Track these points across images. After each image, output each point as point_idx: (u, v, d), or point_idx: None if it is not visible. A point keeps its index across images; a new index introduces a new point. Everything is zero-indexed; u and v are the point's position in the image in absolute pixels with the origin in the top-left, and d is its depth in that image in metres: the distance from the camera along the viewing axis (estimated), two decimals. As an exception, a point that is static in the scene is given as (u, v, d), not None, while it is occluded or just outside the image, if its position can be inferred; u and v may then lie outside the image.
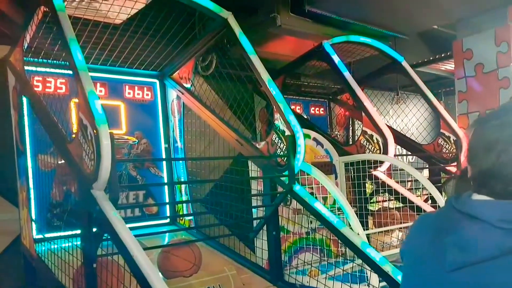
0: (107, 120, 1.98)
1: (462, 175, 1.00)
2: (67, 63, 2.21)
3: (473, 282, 0.81)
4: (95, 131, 1.95)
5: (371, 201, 3.88)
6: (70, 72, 2.19)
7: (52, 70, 2.87)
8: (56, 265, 2.50)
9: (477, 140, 0.89)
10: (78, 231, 2.20)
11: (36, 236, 2.77)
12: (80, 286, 2.26)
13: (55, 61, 2.75)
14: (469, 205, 0.87)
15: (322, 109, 5.08)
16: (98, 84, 3.15)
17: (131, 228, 2.94)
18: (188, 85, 3.30)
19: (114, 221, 1.93)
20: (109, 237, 2.01)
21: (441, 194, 4.00)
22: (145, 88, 3.47)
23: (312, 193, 2.91)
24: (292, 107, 4.79)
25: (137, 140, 3.36)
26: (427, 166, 4.23)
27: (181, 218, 3.48)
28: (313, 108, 5.02)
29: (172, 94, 3.50)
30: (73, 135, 2.26)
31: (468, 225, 0.84)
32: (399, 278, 2.25)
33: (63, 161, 2.53)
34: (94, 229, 2.09)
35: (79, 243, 2.18)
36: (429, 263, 0.89)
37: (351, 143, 4.34)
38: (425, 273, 0.90)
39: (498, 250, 0.79)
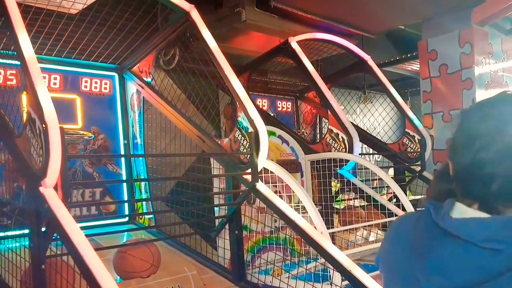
0: (57, 113, 1.89)
1: (441, 174, 0.88)
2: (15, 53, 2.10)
3: None
4: (43, 125, 1.86)
5: (337, 199, 3.89)
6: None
7: (1, 60, 2.72)
8: (2, 266, 2.38)
9: (458, 133, 0.80)
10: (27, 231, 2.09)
11: (-18, 236, 2.63)
12: (28, 288, 2.17)
13: (3, 51, 2.61)
14: (449, 222, 0.76)
15: (289, 106, 5.06)
16: (52, 77, 3.02)
17: (86, 227, 2.88)
18: (148, 79, 3.19)
19: (63, 220, 1.85)
20: (58, 237, 1.91)
21: (406, 193, 4.07)
22: (103, 82, 3.34)
23: (277, 192, 2.88)
24: (259, 103, 4.75)
25: (93, 136, 3.24)
26: (392, 165, 4.27)
27: (141, 216, 3.39)
28: (280, 105, 4.98)
29: (132, 88, 3.38)
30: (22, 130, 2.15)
31: (448, 245, 0.74)
32: (361, 277, 2.24)
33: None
34: (43, 229, 2.00)
35: (27, 243, 2.09)
36: (408, 282, 0.79)
37: (317, 141, 4.34)
38: None
39: (486, 273, 0.69)
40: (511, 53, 4.55)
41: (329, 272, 2.49)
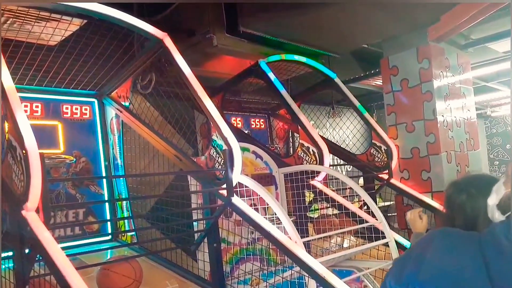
0: (39, 139, 1.97)
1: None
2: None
3: None
4: (24, 151, 1.94)
5: (311, 209, 4.05)
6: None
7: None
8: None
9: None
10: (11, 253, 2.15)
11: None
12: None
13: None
14: None
15: (262, 123, 5.28)
16: (34, 105, 3.17)
17: (70, 247, 2.96)
18: (126, 104, 3.34)
19: (44, 241, 1.93)
20: (41, 258, 1.98)
21: (376, 200, 4.27)
22: (83, 108, 3.49)
23: (252, 204, 2.99)
24: (234, 122, 4.94)
25: (75, 159, 3.37)
26: (362, 174, 4.49)
27: (123, 234, 3.49)
28: (254, 123, 5.19)
29: (111, 112, 3.53)
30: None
31: None
32: (335, 283, 2.34)
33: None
34: (27, 251, 2.07)
35: (12, 265, 2.15)
36: None
37: (290, 155, 4.54)
38: None
39: None
40: (467, 66, 4.87)
41: (305, 280, 2.60)
